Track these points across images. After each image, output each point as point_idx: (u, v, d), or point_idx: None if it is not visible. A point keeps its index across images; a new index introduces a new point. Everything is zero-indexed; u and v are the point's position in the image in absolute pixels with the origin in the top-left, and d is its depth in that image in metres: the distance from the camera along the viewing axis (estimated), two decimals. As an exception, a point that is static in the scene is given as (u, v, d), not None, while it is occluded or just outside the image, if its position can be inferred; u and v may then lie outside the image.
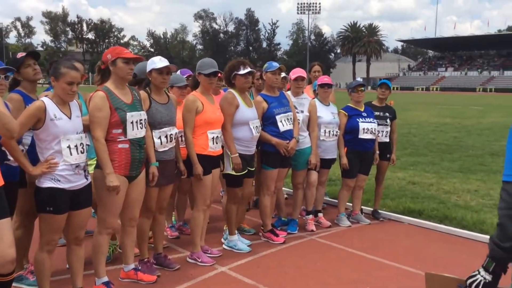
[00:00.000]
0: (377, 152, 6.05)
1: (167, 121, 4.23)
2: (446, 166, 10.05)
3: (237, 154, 4.80)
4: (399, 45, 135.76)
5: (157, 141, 4.16)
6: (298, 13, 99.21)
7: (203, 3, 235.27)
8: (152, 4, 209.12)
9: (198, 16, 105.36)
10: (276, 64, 5.18)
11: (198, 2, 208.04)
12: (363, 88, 5.90)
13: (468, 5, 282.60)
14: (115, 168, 3.70)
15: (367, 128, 5.77)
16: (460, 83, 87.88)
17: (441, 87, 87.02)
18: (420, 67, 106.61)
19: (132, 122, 3.77)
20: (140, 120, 3.85)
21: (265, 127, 5.18)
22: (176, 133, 4.35)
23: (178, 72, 6.27)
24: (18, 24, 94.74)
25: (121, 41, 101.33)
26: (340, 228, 5.92)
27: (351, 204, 6.31)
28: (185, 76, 5.47)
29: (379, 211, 6.43)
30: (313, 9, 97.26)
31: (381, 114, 6.13)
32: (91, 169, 3.92)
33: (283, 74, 5.55)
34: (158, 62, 4.17)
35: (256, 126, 4.93)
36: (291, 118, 5.26)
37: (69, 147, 3.36)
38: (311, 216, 5.86)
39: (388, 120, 6.17)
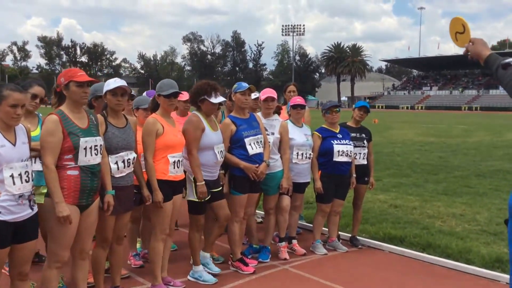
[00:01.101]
0: (354, 175, 5.72)
1: (124, 146, 3.95)
2: (430, 188, 9.75)
3: (203, 182, 4.49)
4: (383, 64, 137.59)
5: (113, 166, 3.88)
6: (283, 34, 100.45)
7: (191, 26, 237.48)
8: (143, 29, 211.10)
9: (186, 39, 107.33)
10: (245, 85, 4.91)
11: (187, 25, 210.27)
12: (338, 109, 5.60)
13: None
14: (64, 197, 3.42)
15: (342, 151, 5.45)
16: (445, 101, 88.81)
17: (426, 106, 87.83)
18: (404, 86, 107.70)
19: (85, 148, 3.51)
20: (95, 146, 3.59)
21: (233, 150, 4.86)
22: (134, 157, 4.05)
23: (145, 93, 6.00)
24: (15, 48, 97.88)
25: (113, 64, 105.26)
26: (316, 256, 5.55)
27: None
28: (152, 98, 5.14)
29: (358, 237, 6.07)
30: (297, 31, 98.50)
31: (358, 135, 5.82)
32: (40, 198, 3.59)
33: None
34: (112, 83, 3.91)
35: (221, 151, 4.65)
36: (261, 141, 4.95)
37: (12, 176, 3.09)
38: (284, 244, 5.49)
39: (365, 142, 5.86)
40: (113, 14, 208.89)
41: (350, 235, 6.12)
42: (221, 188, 4.78)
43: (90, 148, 3.53)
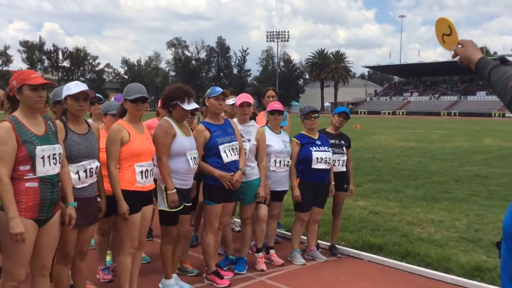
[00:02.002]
0: (333, 182, 5.60)
1: (86, 154, 3.71)
2: (410, 193, 9.70)
3: (175, 190, 4.29)
4: (366, 71, 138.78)
5: (74, 176, 3.62)
6: (267, 41, 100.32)
7: (176, 32, 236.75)
8: (127, 34, 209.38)
9: (171, 44, 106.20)
10: (219, 89, 4.74)
11: (171, 31, 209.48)
12: (316, 115, 5.47)
13: (431, 33, 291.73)
14: (22, 211, 3.14)
15: (321, 158, 5.33)
16: (425, 107, 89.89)
17: (407, 111, 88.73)
18: (386, 92, 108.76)
19: (43, 157, 3.23)
20: (54, 154, 3.32)
21: (207, 158, 4.70)
22: (97, 166, 3.81)
23: (113, 98, 5.79)
24: None
25: (96, 68, 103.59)
26: (294, 267, 5.41)
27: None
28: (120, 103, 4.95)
29: (337, 246, 5.95)
30: (282, 37, 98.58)
31: (337, 142, 5.71)
32: None
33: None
34: (74, 87, 3.66)
35: (194, 157, 4.45)
36: (236, 148, 4.80)
37: None
38: (261, 254, 5.34)
39: (344, 148, 5.75)
40: (96, 19, 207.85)
41: (329, 243, 6.01)
42: (190, 204, 4.61)
43: (48, 157, 3.27)
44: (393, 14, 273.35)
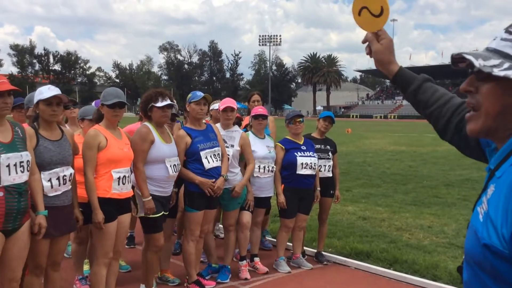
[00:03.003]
0: (318, 188, 5.47)
1: (59, 161, 3.56)
2: (399, 198, 9.60)
3: (150, 198, 4.15)
4: (358, 75, 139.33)
5: (46, 184, 3.47)
6: (260, 44, 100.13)
7: (168, 36, 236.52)
8: (118, 37, 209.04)
9: (163, 48, 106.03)
10: (200, 94, 4.61)
11: (163, 35, 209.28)
12: (301, 119, 5.35)
13: (423, 37, 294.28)
14: None
15: (306, 163, 5.20)
16: (416, 111, 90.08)
17: (398, 115, 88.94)
18: (378, 95, 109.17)
19: (8, 166, 3.10)
20: (21, 162, 3.18)
21: (188, 164, 4.57)
22: (71, 174, 3.67)
23: (93, 103, 5.66)
24: None
25: (87, 72, 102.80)
26: (278, 275, 5.27)
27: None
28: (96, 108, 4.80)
29: (324, 253, 5.83)
30: (274, 41, 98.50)
31: (322, 147, 5.59)
32: None
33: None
34: (46, 91, 3.53)
35: (174, 165, 4.32)
36: (218, 154, 4.66)
37: None
38: (244, 262, 5.21)
39: (330, 154, 5.63)
40: (88, 23, 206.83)
41: (315, 250, 5.88)
42: (167, 213, 4.47)
43: (15, 165, 3.13)
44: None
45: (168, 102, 4.24)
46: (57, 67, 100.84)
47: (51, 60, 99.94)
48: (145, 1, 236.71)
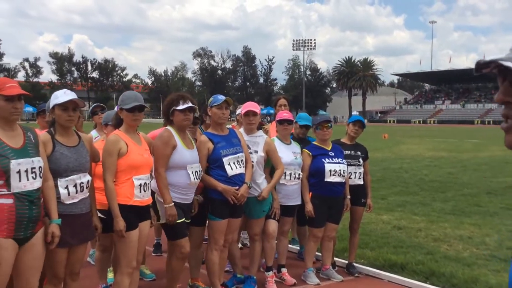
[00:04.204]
0: (348, 197, 5.21)
1: (76, 167, 3.46)
2: (437, 207, 9.17)
3: (172, 204, 4.01)
4: (395, 79, 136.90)
5: (63, 191, 3.38)
6: (293, 49, 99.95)
7: (203, 42, 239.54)
8: (154, 44, 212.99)
9: (197, 54, 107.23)
10: (221, 97, 4.44)
11: (197, 41, 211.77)
12: (329, 125, 5.11)
13: (464, 39, 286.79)
14: None
15: (334, 170, 4.96)
16: (457, 115, 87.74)
17: (438, 120, 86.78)
18: (416, 100, 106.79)
19: (19, 172, 3.01)
20: (32, 168, 3.09)
21: (211, 170, 4.41)
22: (89, 181, 3.57)
23: (116, 108, 5.58)
24: (27, 64, 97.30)
25: (124, 79, 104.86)
26: (307, 287, 5.04)
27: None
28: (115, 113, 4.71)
29: (355, 264, 5.56)
30: (308, 46, 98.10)
31: (352, 153, 5.33)
32: None
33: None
34: (62, 96, 3.44)
35: (196, 171, 4.17)
36: (242, 160, 4.48)
37: None
38: (271, 273, 5.00)
39: (360, 160, 5.36)
40: (124, 30, 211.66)
41: (347, 261, 5.61)
42: (189, 220, 4.31)
43: (26, 171, 3.04)
44: (423, 19, 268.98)
45: (190, 104, 4.09)
46: (95, 74, 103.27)
47: (89, 67, 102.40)
48: (180, 8, 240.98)
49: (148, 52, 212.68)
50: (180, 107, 4.08)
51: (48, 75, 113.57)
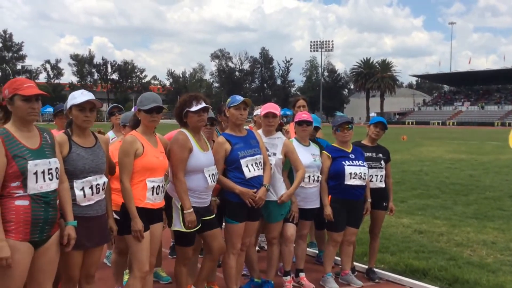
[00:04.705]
0: (369, 200, 5.07)
1: (92, 169, 3.40)
2: (459, 210, 8.95)
3: (192, 210, 3.91)
4: (414, 80, 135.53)
5: (79, 193, 3.32)
6: (311, 51, 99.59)
7: (220, 43, 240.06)
8: (172, 46, 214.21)
9: (214, 56, 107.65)
10: (239, 98, 4.35)
11: (216, 42, 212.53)
12: (350, 126, 4.97)
13: (483, 40, 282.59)
14: (11, 232, 2.88)
15: (355, 173, 4.82)
16: (477, 117, 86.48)
17: (458, 122, 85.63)
18: (435, 101, 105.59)
19: (35, 173, 2.96)
20: (49, 169, 3.04)
21: (228, 172, 4.31)
22: (105, 182, 3.50)
23: (133, 109, 5.54)
24: (48, 66, 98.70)
25: (143, 81, 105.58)
26: (326, 293, 4.92)
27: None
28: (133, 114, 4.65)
29: (375, 269, 5.41)
30: (325, 47, 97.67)
31: (374, 155, 5.19)
32: None
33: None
34: (79, 96, 3.38)
35: (212, 174, 4.06)
36: (260, 162, 4.37)
37: None
38: (289, 278, 4.90)
39: (382, 162, 5.22)
40: (143, 32, 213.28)
41: (366, 266, 5.47)
42: (214, 216, 4.20)
43: (43, 172, 2.99)
44: (442, 21, 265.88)
45: (203, 105, 3.98)
46: (114, 76, 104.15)
47: (109, 69, 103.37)
48: (198, 10, 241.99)
49: (167, 54, 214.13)
50: (194, 108, 3.97)
51: (69, 76, 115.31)
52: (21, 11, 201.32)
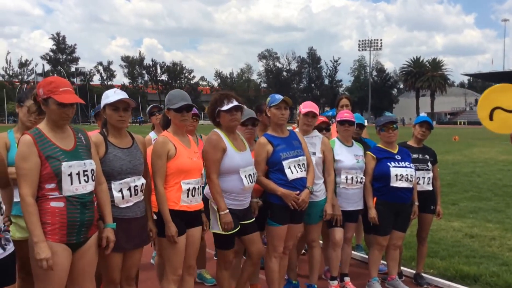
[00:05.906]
0: (416, 203, 4.89)
1: (130, 170, 3.37)
2: (513, 214, 8.54)
3: (227, 211, 3.85)
4: (466, 79, 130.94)
5: (117, 195, 3.30)
6: (359, 50, 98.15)
7: (268, 43, 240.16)
8: (220, 47, 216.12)
9: (262, 56, 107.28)
10: (279, 97, 4.25)
11: (263, 43, 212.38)
12: (395, 126, 4.82)
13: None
14: (48, 234, 2.87)
15: (401, 175, 4.66)
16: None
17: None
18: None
19: (70, 174, 2.94)
20: (84, 171, 3.01)
21: (270, 174, 4.25)
22: (143, 184, 3.47)
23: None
24: (101, 68, 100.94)
25: (191, 82, 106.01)
26: (371, 298, 4.79)
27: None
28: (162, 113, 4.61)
29: (423, 274, 5.23)
30: (374, 46, 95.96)
31: (420, 156, 5.01)
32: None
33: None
34: (112, 95, 3.36)
35: (249, 175, 3.96)
36: (303, 164, 4.28)
37: None
38: (336, 283, 4.80)
39: (429, 164, 5.03)
40: (192, 33, 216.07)
41: (414, 271, 5.30)
42: (253, 219, 4.13)
43: (77, 174, 2.96)
44: (495, 18, 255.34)
45: (235, 103, 3.89)
46: (164, 77, 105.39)
47: (159, 70, 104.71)
48: (246, 10, 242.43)
49: (215, 54, 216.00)
50: (225, 107, 3.88)
51: (120, 78, 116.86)
52: (74, 14, 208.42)
